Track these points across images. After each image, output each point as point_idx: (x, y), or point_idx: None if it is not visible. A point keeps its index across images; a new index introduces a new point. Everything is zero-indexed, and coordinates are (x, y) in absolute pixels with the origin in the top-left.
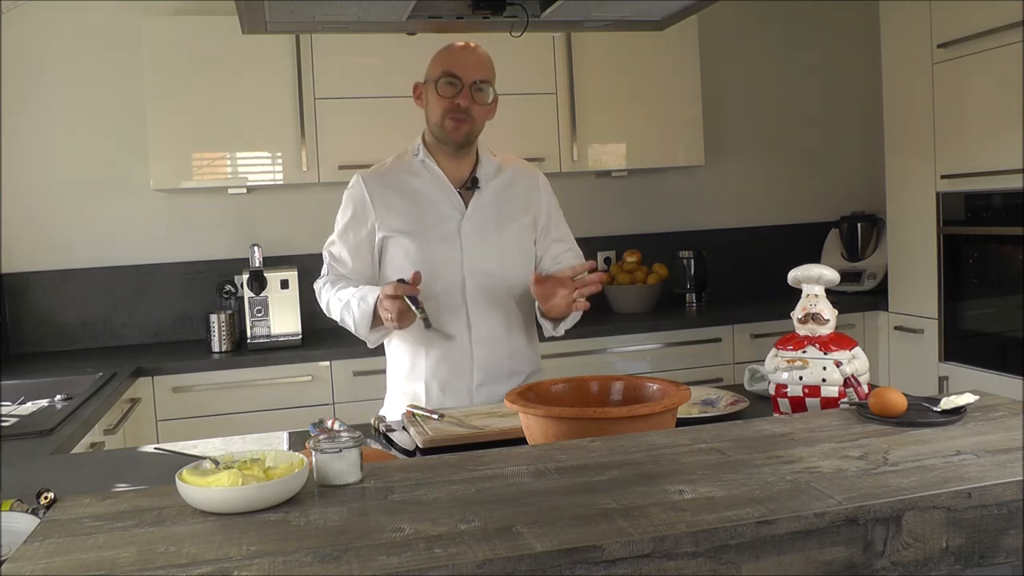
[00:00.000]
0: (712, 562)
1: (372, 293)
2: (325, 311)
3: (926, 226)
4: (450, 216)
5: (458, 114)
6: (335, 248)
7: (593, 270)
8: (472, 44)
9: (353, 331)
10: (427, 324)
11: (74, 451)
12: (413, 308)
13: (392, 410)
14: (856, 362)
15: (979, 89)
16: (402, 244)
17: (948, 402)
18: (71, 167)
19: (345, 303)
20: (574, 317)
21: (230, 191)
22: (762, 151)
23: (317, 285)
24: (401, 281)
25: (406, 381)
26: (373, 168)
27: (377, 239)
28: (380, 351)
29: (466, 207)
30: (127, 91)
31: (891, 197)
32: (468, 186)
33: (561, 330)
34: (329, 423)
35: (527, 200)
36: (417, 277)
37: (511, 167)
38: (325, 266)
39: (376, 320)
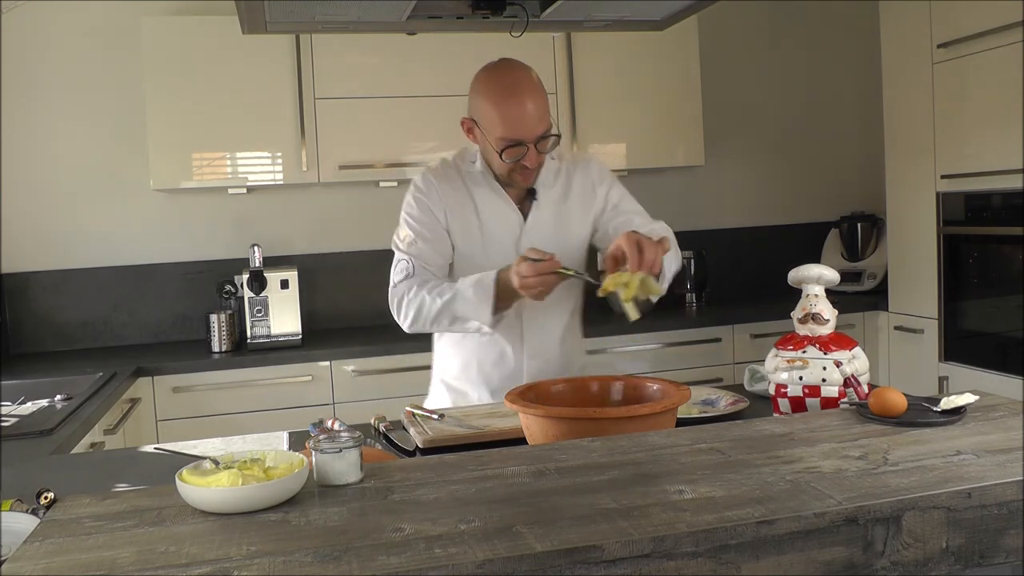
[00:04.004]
0: (712, 562)
1: (487, 275)
2: (406, 320)
3: (926, 226)
4: (509, 232)
5: (528, 171)
6: (418, 247)
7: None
8: (526, 90)
9: (464, 320)
10: (581, 274)
11: (74, 451)
12: (570, 272)
13: (433, 403)
14: (856, 362)
15: (979, 89)
16: (464, 254)
17: (948, 402)
18: (71, 167)
19: (454, 293)
20: (669, 269)
21: (230, 191)
22: (762, 151)
23: (396, 291)
24: (530, 260)
25: (456, 380)
26: (436, 169)
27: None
28: (382, 353)
29: (525, 219)
30: (127, 91)
31: (891, 197)
32: (526, 198)
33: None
34: (329, 423)
35: (585, 201)
36: (544, 253)
37: (566, 165)
38: (408, 266)
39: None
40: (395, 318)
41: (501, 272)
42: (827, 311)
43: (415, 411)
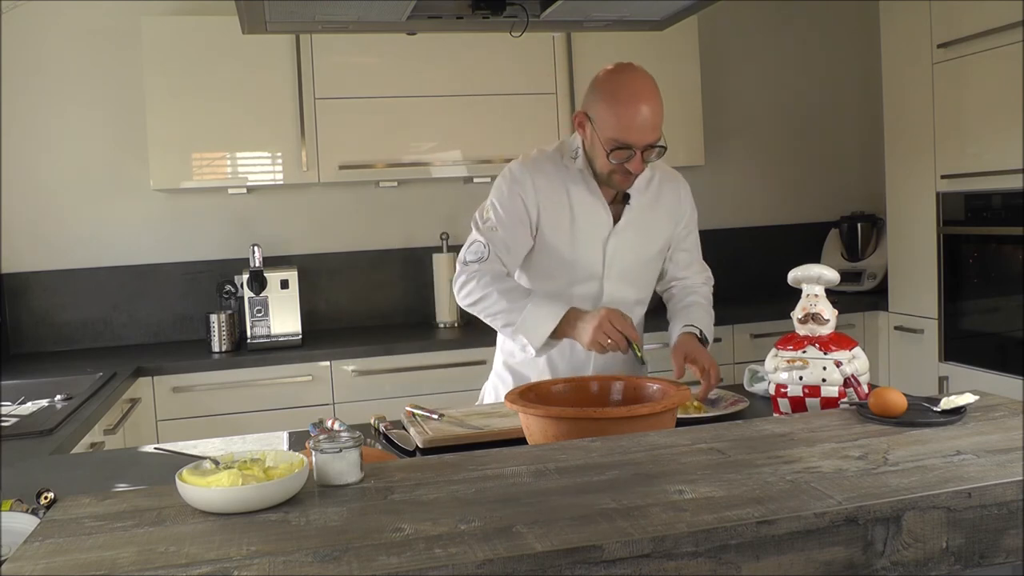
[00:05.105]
0: (712, 562)
1: (555, 307)
2: (467, 300)
3: (926, 226)
4: (599, 230)
5: (628, 176)
6: (497, 234)
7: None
8: (646, 98)
9: (514, 335)
10: (643, 363)
11: (74, 451)
12: (635, 349)
13: (493, 390)
14: (856, 362)
15: (979, 89)
16: (551, 248)
17: (948, 402)
18: (71, 167)
19: (519, 310)
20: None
21: (230, 191)
22: (762, 151)
23: (467, 270)
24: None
25: (520, 365)
26: (534, 160)
27: (533, 235)
28: (382, 353)
29: (615, 221)
30: (127, 91)
31: (891, 197)
32: (619, 199)
33: None
34: (329, 423)
35: (671, 215)
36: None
37: (658, 176)
38: (483, 250)
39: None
40: (455, 292)
41: (572, 310)
42: (827, 311)
43: (415, 411)
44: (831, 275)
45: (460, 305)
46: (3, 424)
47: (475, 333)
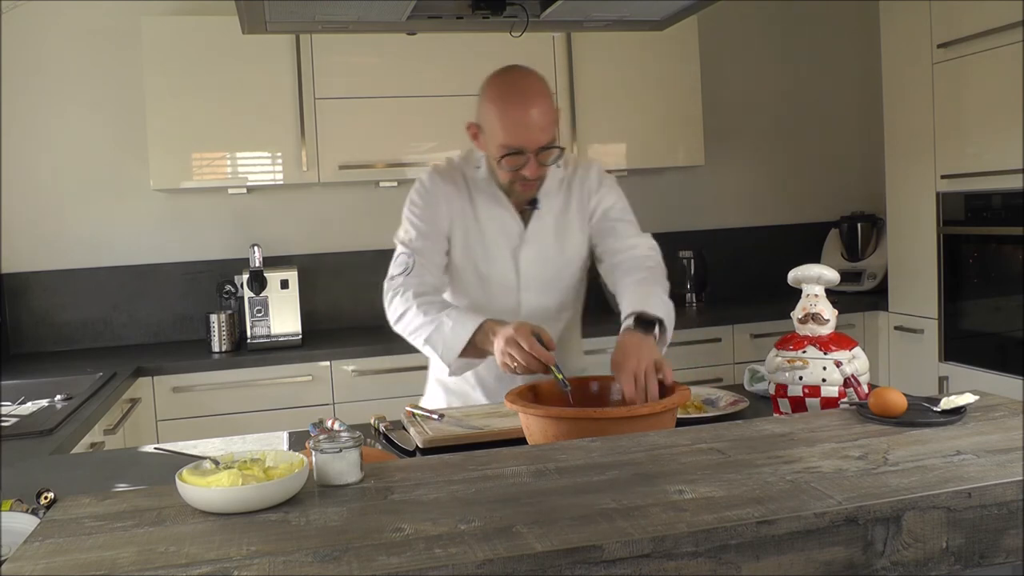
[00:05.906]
0: (712, 562)
1: (470, 320)
2: (393, 317)
3: (926, 226)
4: (508, 240)
5: (527, 181)
6: (416, 242)
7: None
8: (532, 99)
9: (433, 351)
10: (566, 386)
11: (74, 451)
12: (554, 372)
13: (430, 403)
14: (856, 362)
15: (979, 89)
16: (465, 261)
17: (948, 402)
18: (71, 167)
19: (436, 323)
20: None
21: (230, 191)
22: (762, 151)
23: (392, 285)
24: (537, 338)
25: (452, 381)
26: (443, 171)
27: (448, 245)
28: (382, 353)
29: (526, 226)
30: (127, 91)
31: (891, 197)
32: (528, 206)
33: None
34: (329, 423)
35: (582, 210)
36: (551, 342)
37: (568, 174)
38: (407, 261)
39: (467, 350)
40: (385, 309)
41: (488, 322)
42: (827, 311)
43: (415, 411)
44: (831, 275)
45: (392, 327)
46: (3, 424)
47: None
